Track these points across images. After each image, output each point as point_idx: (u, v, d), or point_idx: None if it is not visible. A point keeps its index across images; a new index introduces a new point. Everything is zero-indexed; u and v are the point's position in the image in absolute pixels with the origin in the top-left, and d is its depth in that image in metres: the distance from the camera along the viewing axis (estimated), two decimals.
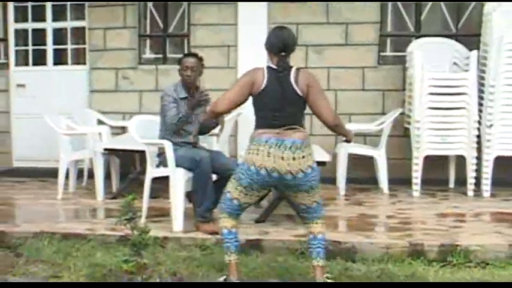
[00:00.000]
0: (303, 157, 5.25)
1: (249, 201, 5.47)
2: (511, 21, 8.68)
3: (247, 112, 5.53)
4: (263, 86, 5.28)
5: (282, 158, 5.19)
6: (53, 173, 8.92)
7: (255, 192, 5.39)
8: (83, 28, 10.41)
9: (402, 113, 9.20)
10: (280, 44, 5.41)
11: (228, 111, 5.46)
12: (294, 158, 5.21)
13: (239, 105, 5.43)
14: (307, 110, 5.40)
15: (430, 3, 9.66)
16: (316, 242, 5.46)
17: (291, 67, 5.36)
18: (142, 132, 7.20)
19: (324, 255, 5.48)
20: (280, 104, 5.27)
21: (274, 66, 5.35)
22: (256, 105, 5.35)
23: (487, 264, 6.13)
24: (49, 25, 10.55)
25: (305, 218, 5.51)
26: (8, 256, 6.28)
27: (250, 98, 5.37)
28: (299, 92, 5.29)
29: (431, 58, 8.83)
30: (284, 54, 5.37)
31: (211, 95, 7.50)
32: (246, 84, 5.31)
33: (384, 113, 9.45)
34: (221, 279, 5.52)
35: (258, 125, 5.36)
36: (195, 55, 7.30)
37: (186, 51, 9.81)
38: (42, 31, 10.57)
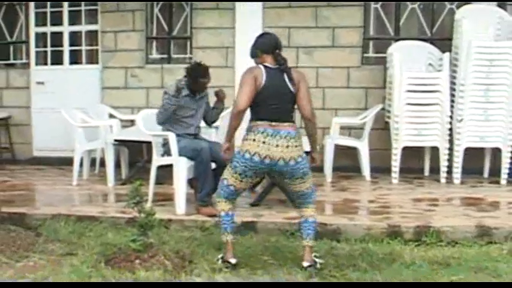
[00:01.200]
0: (296, 146, 5.30)
1: (244, 186, 5.51)
2: (479, 27, 8.73)
3: None
4: (263, 83, 5.31)
5: (277, 145, 5.23)
6: (69, 162, 8.91)
7: (249, 179, 5.43)
8: (96, 31, 10.37)
9: (383, 109, 9.21)
10: (274, 42, 5.49)
11: (248, 105, 5.34)
12: (287, 146, 5.25)
13: (253, 98, 5.36)
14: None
15: (409, 9, 9.66)
16: (307, 225, 5.50)
17: (285, 66, 5.40)
18: (149, 125, 7.20)
19: (313, 236, 5.51)
20: (277, 100, 5.31)
21: (270, 65, 5.39)
22: (256, 101, 5.35)
23: (457, 243, 6.17)
24: (66, 29, 10.51)
25: (299, 204, 5.55)
26: (29, 235, 6.27)
27: None
28: (292, 88, 5.33)
29: (409, 59, 8.83)
30: (278, 51, 5.41)
31: (211, 91, 7.54)
32: (251, 80, 5.32)
33: (366, 108, 9.44)
34: (219, 257, 5.55)
35: (255, 118, 5.39)
36: (207, 70, 7.18)
37: (188, 53, 9.83)
38: (60, 34, 10.53)
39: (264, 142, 5.25)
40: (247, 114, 5.43)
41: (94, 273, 5.23)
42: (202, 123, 7.45)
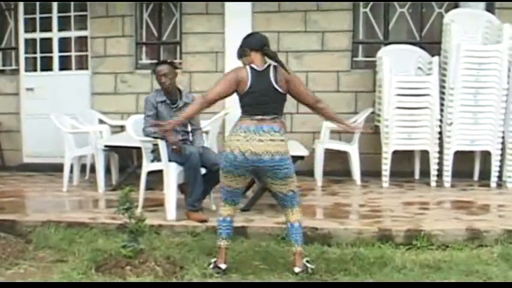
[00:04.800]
0: (281, 141, 5.29)
1: (237, 185, 5.45)
2: (467, 31, 8.76)
3: (233, 111, 5.53)
4: (248, 85, 5.30)
5: (260, 140, 5.21)
6: (59, 168, 8.89)
7: (240, 178, 5.39)
8: (86, 37, 10.36)
9: (373, 112, 9.23)
10: (261, 39, 5.48)
11: (215, 101, 5.40)
12: (272, 140, 5.24)
13: (224, 97, 5.46)
14: (289, 110, 5.43)
15: (398, 13, 9.69)
16: (294, 230, 5.46)
17: (269, 66, 5.38)
18: (139, 131, 7.18)
19: (301, 241, 5.47)
20: (263, 100, 5.29)
21: (257, 66, 5.37)
22: (242, 102, 5.37)
23: (447, 246, 6.16)
24: (55, 35, 10.50)
25: (283, 207, 5.51)
26: (19, 242, 6.23)
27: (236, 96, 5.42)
28: (279, 89, 5.32)
29: (398, 63, 8.85)
30: (267, 48, 5.41)
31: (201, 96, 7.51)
32: (232, 80, 5.33)
33: (356, 112, 9.46)
34: (212, 261, 5.51)
35: (242, 116, 5.39)
36: (165, 62, 7.26)
37: (178, 58, 9.80)
38: (49, 40, 10.52)
39: (246, 139, 5.22)
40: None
41: (85, 279, 5.20)
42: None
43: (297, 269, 5.37)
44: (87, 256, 5.76)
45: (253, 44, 5.45)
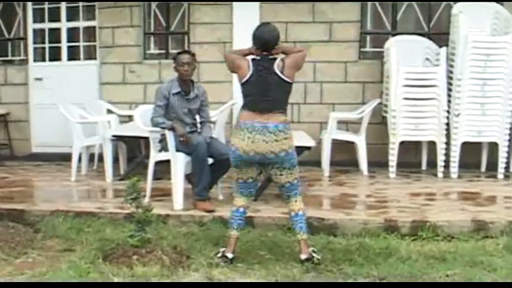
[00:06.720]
0: (285, 138, 5.36)
1: (248, 175, 5.55)
2: (475, 22, 8.75)
3: (241, 102, 5.57)
4: (248, 74, 5.37)
5: (265, 141, 5.29)
6: (67, 158, 8.94)
7: (248, 169, 5.50)
8: (94, 27, 10.39)
9: (380, 103, 9.25)
10: (261, 39, 5.44)
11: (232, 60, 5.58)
12: (276, 140, 5.31)
13: (234, 67, 5.56)
14: (296, 101, 5.47)
15: (406, 4, 9.68)
16: (297, 218, 5.54)
17: (275, 58, 5.42)
18: (146, 120, 7.22)
19: (306, 229, 5.56)
20: (265, 91, 5.34)
21: (257, 57, 5.44)
22: (243, 92, 5.46)
23: (453, 237, 6.18)
24: (63, 25, 10.53)
25: (287, 197, 5.59)
26: (27, 232, 6.31)
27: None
28: (282, 76, 5.36)
29: (406, 54, 8.85)
30: (265, 49, 5.42)
31: (208, 86, 7.58)
32: (237, 59, 5.50)
33: (363, 103, 9.47)
34: (221, 250, 5.57)
35: (244, 107, 5.46)
36: (189, 52, 7.31)
37: (186, 48, 9.80)
38: (58, 30, 10.56)
39: (251, 140, 5.31)
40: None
41: (92, 269, 5.25)
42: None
43: (303, 256, 5.45)
44: (94, 245, 5.82)
45: (253, 41, 5.49)
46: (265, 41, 5.43)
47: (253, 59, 5.43)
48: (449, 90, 8.68)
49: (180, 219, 6.66)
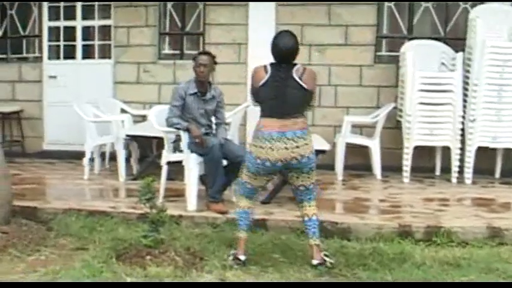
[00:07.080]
0: (306, 144, 5.33)
1: (259, 184, 5.55)
2: (492, 27, 8.70)
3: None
4: (266, 77, 5.33)
5: (286, 148, 5.26)
6: (78, 156, 8.98)
7: (263, 177, 5.48)
8: (109, 26, 10.41)
9: (395, 107, 9.20)
10: (277, 51, 5.39)
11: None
12: (297, 146, 5.29)
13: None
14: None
15: (422, 8, 9.65)
16: (311, 223, 5.53)
17: (294, 64, 5.38)
18: (161, 121, 7.22)
19: (318, 234, 5.55)
20: (281, 94, 5.30)
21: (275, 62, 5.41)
22: (260, 97, 5.42)
23: (467, 243, 6.16)
24: (79, 23, 10.57)
25: (302, 200, 5.57)
26: (40, 229, 6.31)
27: None
28: (303, 84, 5.32)
29: (421, 58, 8.80)
30: (282, 62, 5.38)
31: (223, 87, 7.57)
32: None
33: (378, 107, 9.44)
34: (231, 253, 5.56)
35: (262, 114, 5.44)
36: (208, 53, 7.30)
37: (201, 48, 9.80)
38: (73, 28, 10.59)
39: (271, 148, 5.28)
40: (258, 111, 5.50)
41: (105, 268, 5.25)
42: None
43: (314, 261, 5.43)
44: (107, 245, 5.83)
45: (272, 54, 5.44)
46: (286, 57, 5.39)
47: (271, 64, 5.41)
48: (465, 95, 8.62)
49: (193, 220, 6.66)
